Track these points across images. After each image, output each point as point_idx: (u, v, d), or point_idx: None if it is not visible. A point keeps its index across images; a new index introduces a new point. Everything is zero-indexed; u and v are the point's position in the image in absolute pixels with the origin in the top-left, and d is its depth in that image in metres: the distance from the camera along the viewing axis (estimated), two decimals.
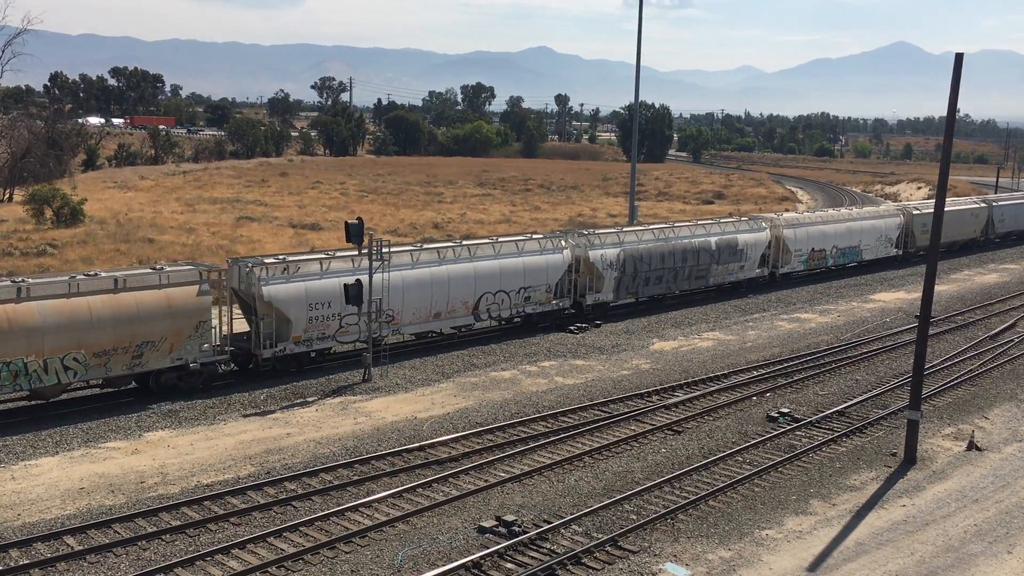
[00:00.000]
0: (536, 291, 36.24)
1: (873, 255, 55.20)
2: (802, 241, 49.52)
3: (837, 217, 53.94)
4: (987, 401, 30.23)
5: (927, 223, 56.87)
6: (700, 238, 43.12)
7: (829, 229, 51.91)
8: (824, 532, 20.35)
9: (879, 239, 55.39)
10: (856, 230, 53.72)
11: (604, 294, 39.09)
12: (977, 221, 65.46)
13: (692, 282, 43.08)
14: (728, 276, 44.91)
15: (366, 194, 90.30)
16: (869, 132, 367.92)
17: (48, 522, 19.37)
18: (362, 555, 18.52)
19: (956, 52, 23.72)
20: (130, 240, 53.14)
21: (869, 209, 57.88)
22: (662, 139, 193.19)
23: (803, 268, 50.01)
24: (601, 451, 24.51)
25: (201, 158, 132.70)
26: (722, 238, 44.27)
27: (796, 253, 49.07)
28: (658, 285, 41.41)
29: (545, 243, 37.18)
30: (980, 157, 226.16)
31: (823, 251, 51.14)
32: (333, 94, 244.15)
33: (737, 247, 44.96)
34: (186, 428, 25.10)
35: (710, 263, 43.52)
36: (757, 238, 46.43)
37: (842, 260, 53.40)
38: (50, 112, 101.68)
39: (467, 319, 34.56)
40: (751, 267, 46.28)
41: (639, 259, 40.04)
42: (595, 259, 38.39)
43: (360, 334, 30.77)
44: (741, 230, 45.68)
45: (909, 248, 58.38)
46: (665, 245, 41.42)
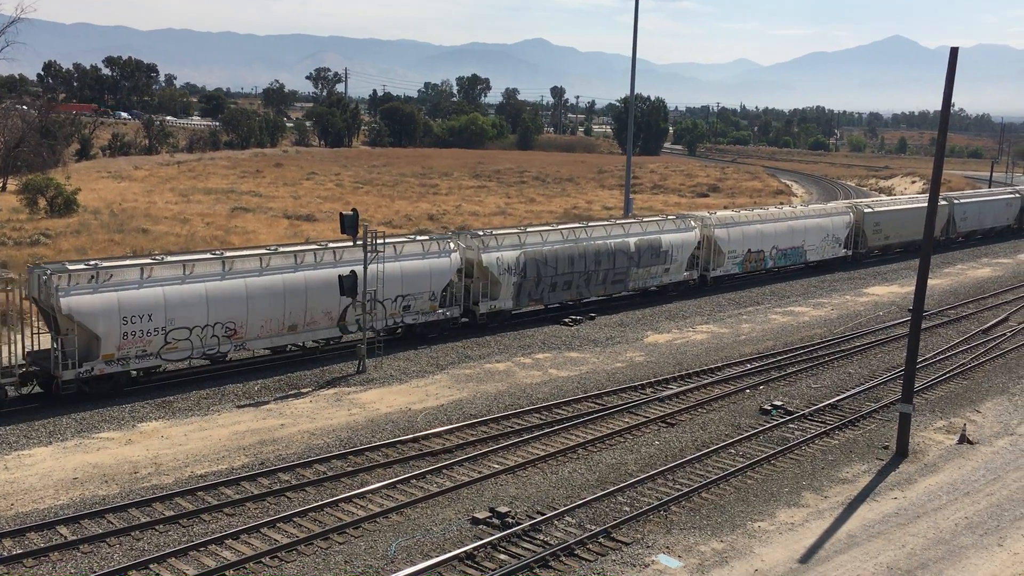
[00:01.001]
0: (417, 299, 32.66)
1: (819, 256, 51.34)
2: (736, 242, 45.79)
3: (778, 216, 49.42)
4: (979, 395, 30.36)
5: (880, 222, 55.17)
6: (617, 239, 39.57)
7: (768, 228, 47.80)
8: (816, 524, 20.44)
9: (825, 239, 51.47)
10: (799, 229, 49.67)
11: (502, 301, 35.52)
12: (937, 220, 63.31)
13: (608, 287, 39.56)
14: (651, 280, 41.54)
15: (361, 185, 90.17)
16: (864, 126, 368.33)
17: (41, 512, 19.37)
18: (356, 546, 18.57)
19: (951, 46, 23.76)
20: (124, 230, 52.98)
21: (815, 207, 54.16)
22: (658, 132, 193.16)
23: (739, 271, 46.41)
24: (595, 443, 24.58)
25: (196, 148, 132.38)
26: (643, 239, 40.67)
27: (730, 255, 45.49)
28: (567, 291, 37.90)
29: (430, 245, 33.56)
30: (975, 151, 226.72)
31: (761, 252, 47.20)
32: (328, 85, 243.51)
33: (660, 248, 41.37)
34: (180, 419, 25.10)
35: (628, 266, 39.95)
36: (684, 238, 42.74)
37: (783, 262, 49.34)
38: (44, 101, 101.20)
39: (331, 331, 30.74)
40: (677, 270, 42.65)
41: (543, 262, 36.46)
42: (490, 263, 34.79)
43: (193, 350, 27.38)
44: (666, 230, 42.13)
45: (860, 248, 54.85)
46: (575, 247, 37.84)
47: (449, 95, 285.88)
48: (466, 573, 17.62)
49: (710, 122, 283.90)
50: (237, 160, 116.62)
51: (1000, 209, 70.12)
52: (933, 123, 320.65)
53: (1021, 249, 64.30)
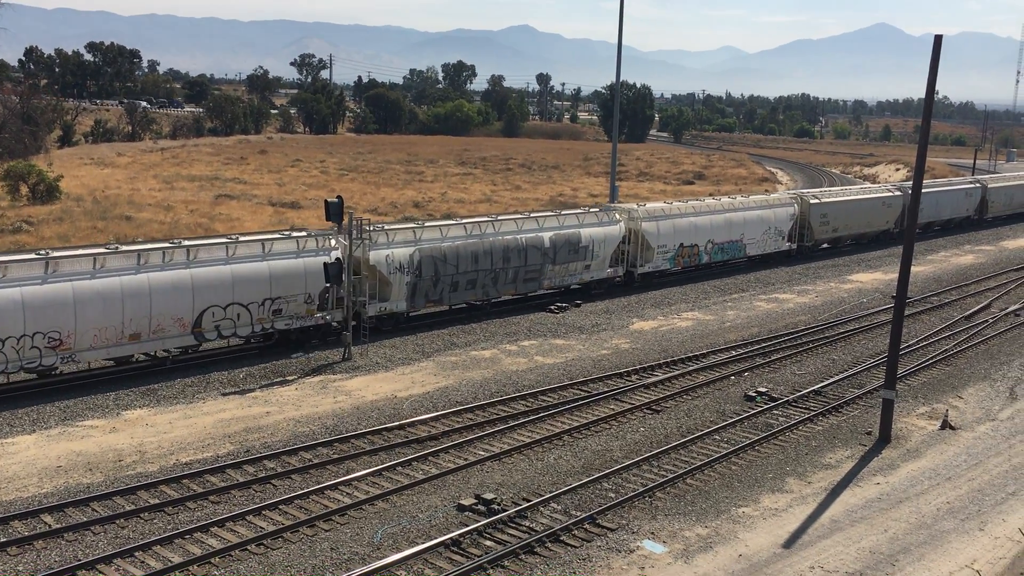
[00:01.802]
0: (291, 302, 29.63)
1: (760, 250, 48.52)
2: (667, 236, 42.78)
3: (714, 207, 46.27)
4: (961, 381, 30.60)
5: (827, 213, 52.53)
6: (529, 233, 36.64)
7: (703, 221, 44.80)
8: (799, 510, 20.60)
9: (767, 232, 48.54)
10: (738, 222, 46.74)
11: (394, 303, 32.70)
12: (890, 211, 58.49)
13: (520, 285, 36.71)
14: (569, 277, 38.71)
15: (346, 172, 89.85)
16: (849, 113, 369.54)
17: (25, 500, 19.30)
18: (342, 533, 18.59)
19: (936, 34, 23.84)
20: (107, 217, 52.68)
21: (757, 198, 50.38)
22: (643, 119, 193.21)
23: (670, 267, 43.60)
24: (580, 430, 24.65)
25: (179, 135, 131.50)
26: (559, 233, 37.72)
27: (660, 249, 42.49)
28: (471, 290, 35.11)
29: (305, 243, 30.42)
30: (958, 139, 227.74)
31: (695, 247, 44.33)
32: (313, 71, 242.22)
33: (580, 243, 38.40)
34: (165, 406, 25.02)
35: (543, 263, 37.04)
36: (607, 232, 39.78)
37: (721, 257, 46.51)
38: (25, 87, 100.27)
39: (184, 339, 27.70)
40: (600, 267, 39.78)
41: (442, 260, 33.58)
42: (378, 261, 31.86)
43: (8, 363, 24.43)
44: (586, 223, 39.16)
45: (805, 242, 51.80)
46: (480, 243, 34.89)
47: (434, 82, 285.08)
48: (452, 559, 17.67)
49: (696, 109, 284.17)
50: (221, 147, 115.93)
51: (959, 200, 66.91)
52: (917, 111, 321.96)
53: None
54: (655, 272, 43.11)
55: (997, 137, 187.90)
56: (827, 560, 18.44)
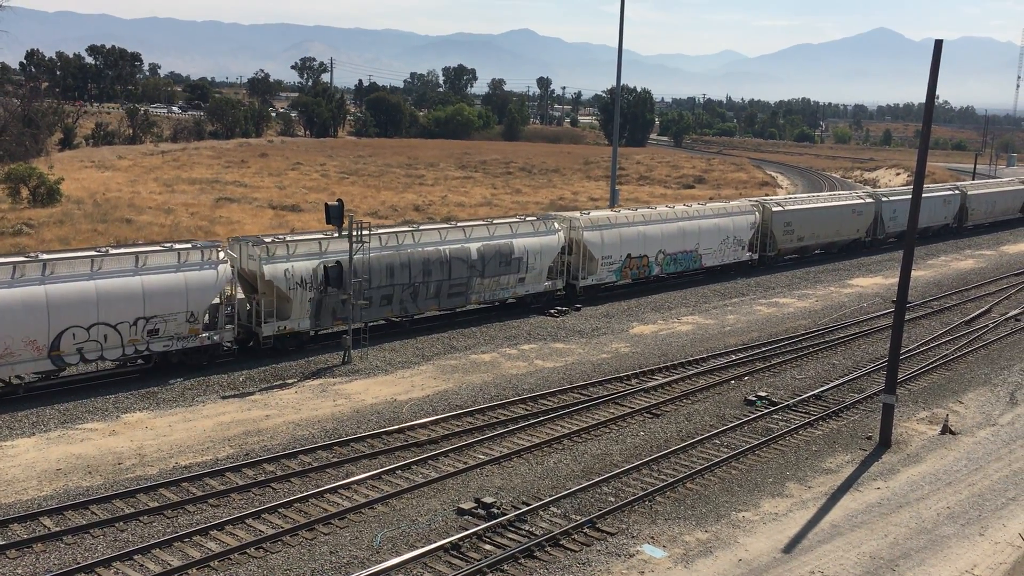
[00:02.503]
0: (170, 321, 26.98)
1: (718, 261, 45.99)
2: (612, 246, 40.22)
3: (666, 216, 43.58)
4: (961, 386, 30.58)
5: (791, 221, 50.15)
6: (453, 245, 34.11)
7: (653, 230, 42.24)
8: (800, 514, 20.57)
9: (725, 241, 46.05)
10: (692, 231, 44.13)
11: (294, 321, 29.98)
12: (861, 219, 55.80)
13: (444, 300, 34.13)
14: (501, 292, 36.08)
15: (347, 176, 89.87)
16: (849, 118, 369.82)
17: (25, 503, 19.27)
18: (341, 536, 18.56)
19: (936, 38, 23.87)
20: (108, 220, 52.69)
21: (714, 206, 47.71)
22: (643, 123, 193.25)
23: (616, 279, 40.95)
24: (580, 434, 24.63)
25: (180, 138, 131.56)
26: (488, 244, 35.18)
27: (604, 261, 39.92)
28: (387, 307, 32.46)
29: (188, 255, 27.64)
30: (959, 144, 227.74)
31: (644, 258, 41.79)
32: (314, 75, 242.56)
33: (512, 255, 35.82)
34: (164, 409, 25.00)
35: (470, 276, 34.49)
36: (544, 243, 37.12)
37: (674, 268, 43.87)
38: (26, 90, 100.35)
39: (39, 363, 25.04)
40: (536, 280, 37.07)
41: (359, 273, 31.08)
42: (274, 275, 29.13)
43: None
44: (520, 234, 36.54)
45: (768, 251, 49.25)
46: (396, 255, 32.40)
47: (435, 85, 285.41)
48: (452, 563, 17.65)
49: (696, 113, 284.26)
50: (222, 150, 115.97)
51: (936, 207, 63.36)
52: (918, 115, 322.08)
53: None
54: (600, 285, 40.47)
55: (997, 142, 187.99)
56: (827, 565, 18.41)
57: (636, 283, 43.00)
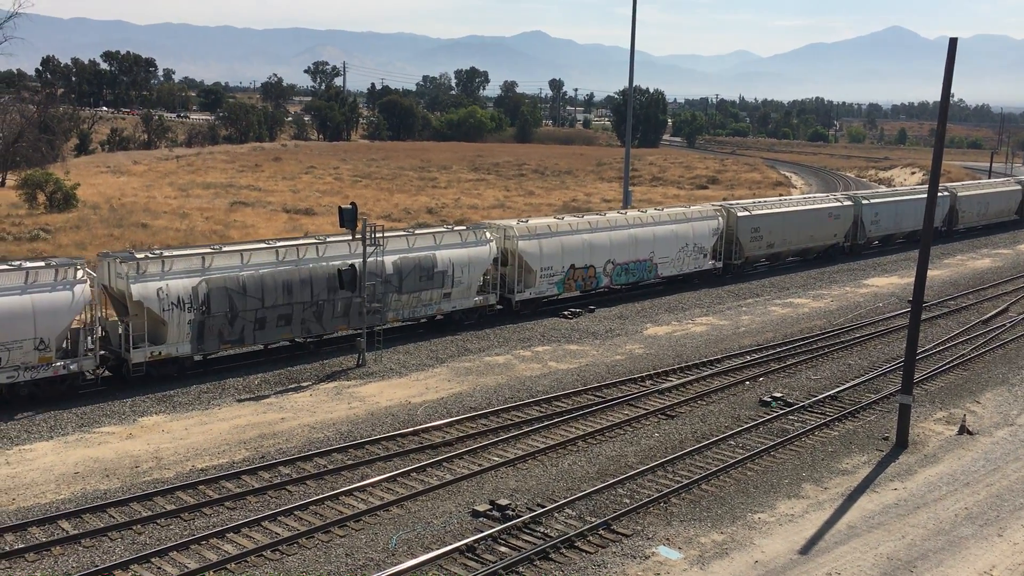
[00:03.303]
0: (13, 350, 24.18)
1: (676, 270, 42.72)
2: (552, 256, 37.03)
3: (615, 223, 40.11)
4: (979, 385, 30.39)
5: (758, 227, 47.01)
6: None
7: (600, 238, 38.92)
8: (816, 515, 20.48)
9: (684, 250, 42.66)
10: (646, 239, 40.74)
11: (172, 345, 27.14)
12: (839, 224, 52.44)
13: (353, 320, 30.82)
14: (423, 308, 33.15)
15: (360, 179, 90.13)
16: (863, 117, 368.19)
17: (43, 506, 19.40)
18: (357, 539, 18.61)
19: (950, 37, 23.75)
20: (123, 225, 53.02)
21: (672, 211, 43.83)
22: (656, 124, 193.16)
23: (558, 292, 37.86)
24: (595, 435, 24.60)
25: (194, 143, 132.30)
26: (406, 257, 32.17)
27: (544, 272, 36.84)
28: (286, 327, 29.35)
29: (38, 276, 24.79)
30: (974, 142, 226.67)
31: (591, 268, 38.59)
32: (327, 79, 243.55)
33: (434, 268, 32.80)
34: (180, 413, 25.13)
35: (384, 292, 31.48)
36: (473, 255, 34.10)
37: (625, 279, 40.47)
38: (42, 96, 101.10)
39: None
40: (464, 294, 34.24)
41: (240, 292, 27.90)
42: (145, 295, 26.37)
43: None
44: (445, 244, 33.45)
45: (733, 259, 46.00)
46: (296, 270, 29.19)
47: (447, 88, 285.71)
48: (467, 566, 17.66)
49: (709, 114, 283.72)
50: (236, 154, 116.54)
51: (922, 211, 62.38)
52: (933, 114, 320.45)
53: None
54: (540, 298, 37.45)
55: (1013, 140, 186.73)
56: (844, 566, 18.32)
57: (586, 295, 40.02)
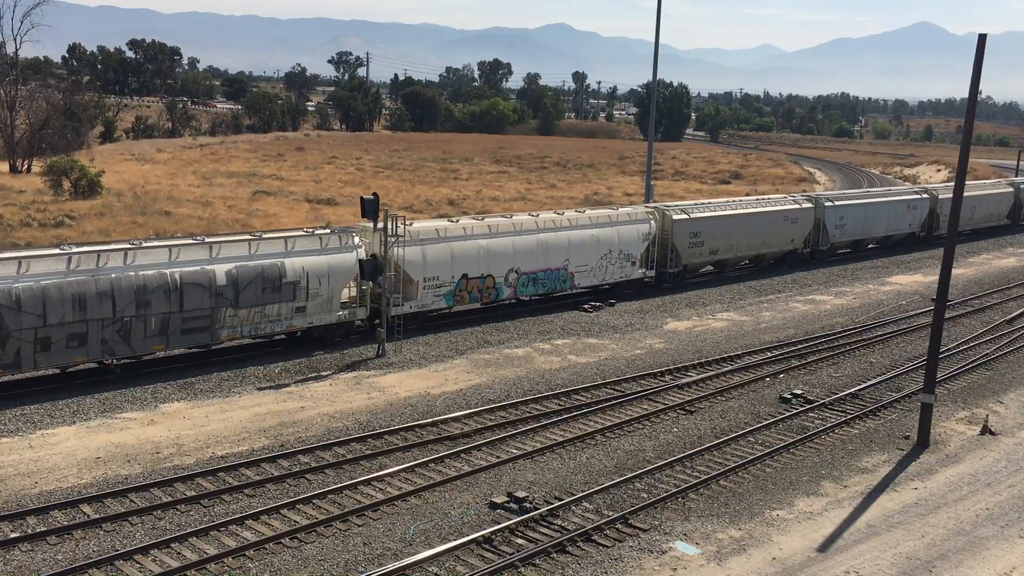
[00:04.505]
0: None
1: (597, 280, 38.06)
2: (440, 264, 32.48)
3: (521, 226, 35.30)
4: (1002, 385, 30.11)
5: (698, 231, 42.05)
6: (190, 266, 26.49)
7: (500, 244, 34.25)
8: (835, 513, 20.38)
9: (607, 257, 38.07)
10: (558, 244, 36.06)
11: None
12: (797, 228, 47.94)
13: (176, 338, 26.65)
14: (269, 324, 28.58)
15: (382, 170, 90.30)
16: (889, 113, 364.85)
17: (65, 490, 19.61)
18: (374, 528, 18.69)
19: (979, 33, 23.46)
20: (147, 213, 53.39)
21: (594, 213, 38.86)
22: (680, 118, 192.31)
23: (449, 304, 33.28)
24: (613, 429, 24.58)
25: (218, 132, 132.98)
26: (245, 265, 27.50)
27: (428, 283, 32.33)
28: (79, 349, 24.91)
29: None
30: (1001, 140, 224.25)
31: (489, 278, 33.98)
32: (350, 69, 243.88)
33: (283, 279, 28.33)
34: (201, 400, 25.31)
35: (216, 307, 27.03)
36: (335, 263, 29.74)
37: (533, 290, 35.82)
38: (68, 83, 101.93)
39: None
40: (324, 308, 29.69)
41: (13, 308, 23.50)
42: None
43: None
44: (299, 251, 28.97)
45: (669, 268, 41.23)
46: (92, 281, 24.79)
47: (470, 80, 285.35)
48: (484, 557, 17.70)
49: (733, 108, 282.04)
50: (259, 144, 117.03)
51: (898, 213, 54.92)
52: (960, 111, 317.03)
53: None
54: (426, 312, 33.02)
55: None
56: (863, 565, 18.22)
57: (487, 307, 35.62)
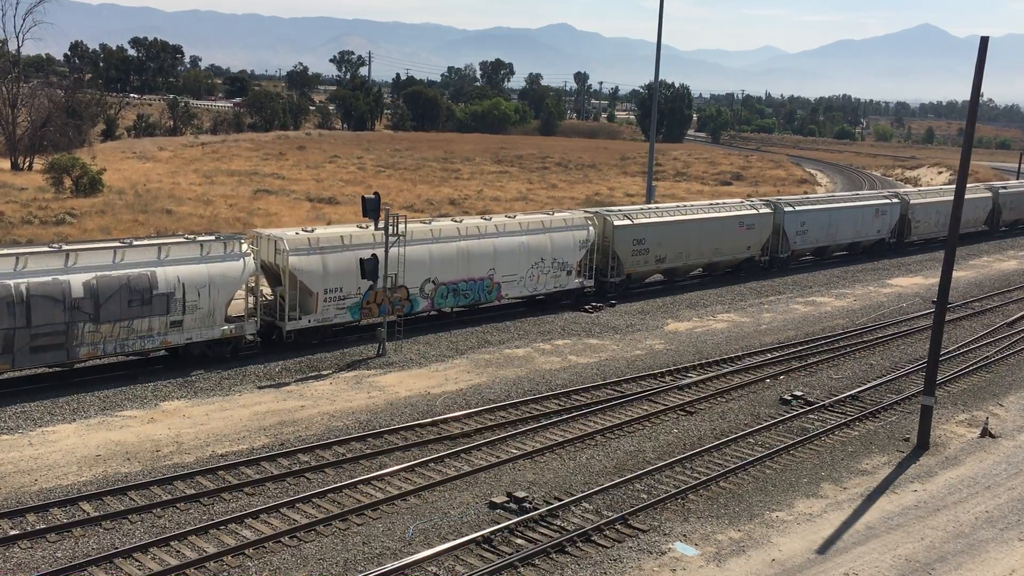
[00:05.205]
0: None
1: (528, 290, 35.61)
2: (343, 275, 29.82)
3: (440, 232, 32.90)
4: (1002, 388, 30.10)
5: (642, 238, 39.37)
6: (39, 276, 24.14)
7: (416, 252, 31.75)
8: (834, 515, 20.38)
9: (539, 266, 35.57)
10: (482, 252, 33.58)
11: None
12: (753, 234, 45.06)
13: (24, 357, 24.21)
14: (139, 340, 26.13)
15: (383, 169, 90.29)
16: (891, 115, 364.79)
17: (64, 488, 19.61)
18: (374, 528, 18.69)
19: (981, 35, 23.46)
20: (148, 211, 53.38)
21: (526, 218, 36.28)
22: (681, 119, 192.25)
23: (355, 318, 30.64)
24: (613, 430, 24.58)
25: (219, 130, 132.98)
26: (107, 276, 25.22)
27: (329, 295, 29.78)
28: None
29: None
30: (1003, 143, 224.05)
31: (402, 289, 31.38)
32: (352, 68, 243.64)
33: (154, 290, 26.00)
34: (201, 398, 25.31)
35: (72, 321, 24.65)
36: (217, 273, 27.31)
37: (454, 301, 33.44)
38: (70, 81, 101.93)
39: None
40: (206, 323, 27.35)
41: None
42: None
43: None
44: (174, 259, 26.65)
45: (610, 277, 38.64)
46: None
47: (472, 79, 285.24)
48: (483, 557, 17.71)
49: (735, 109, 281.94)
50: (260, 142, 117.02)
51: (865, 219, 52.14)
52: (961, 113, 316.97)
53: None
54: (327, 327, 30.39)
55: None
56: (862, 567, 18.22)
57: (411, 317, 32.99)
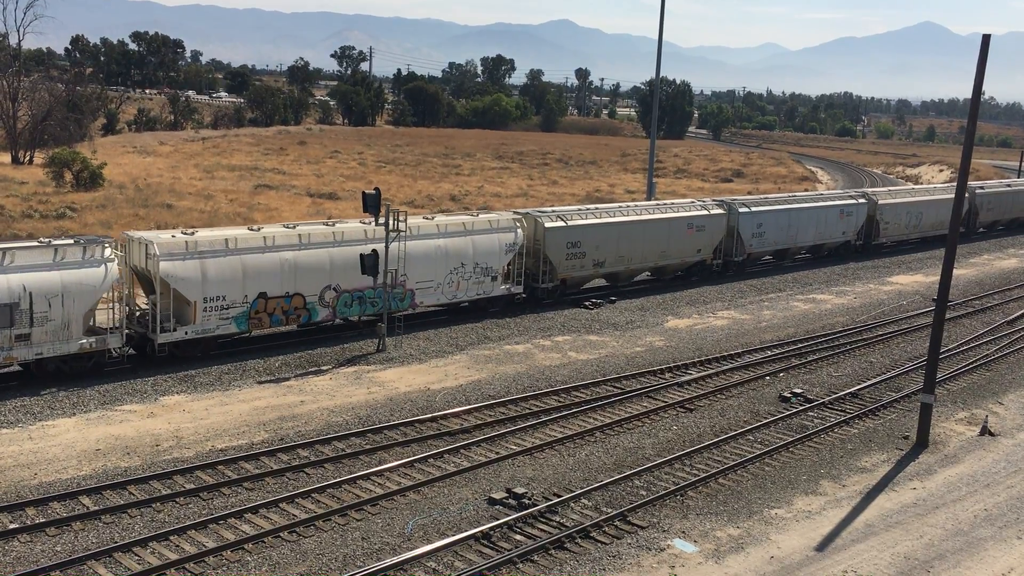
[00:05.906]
0: None
1: (446, 298, 33.18)
2: (226, 282, 27.32)
3: (342, 236, 30.16)
4: (1002, 387, 30.10)
5: (578, 240, 36.90)
6: None
7: (313, 257, 29.17)
8: (833, 513, 20.39)
9: (459, 271, 33.15)
10: (392, 257, 30.31)
11: None
12: (704, 236, 42.59)
13: None
14: None
15: (384, 164, 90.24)
16: (892, 113, 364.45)
17: (64, 482, 19.63)
18: (373, 523, 18.70)
19: (983, 33, 23.43)
20: (149, 205, 53.37)
21: (444, 220, 33.92)
22: (682, 116, 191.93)
23: (241, 329, 28.06)
24: (613, 427, 24.59)
25: (220, 125, 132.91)
26: None
27: (210, 304, 27.09)
28: None
29: None
30: (1004, 141, 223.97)
31: (297, 297, 28.93)
32: (353, 63, 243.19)
33: None
34: (201, 393, 25.32)
35: None
36: (72, 280, 24.67)
37: (359, 309, 30.74)
38: (71, 75, 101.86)
39: None
40: (60, 336, 24.68)
41: None
42: None
43: None
44: (16, 266, 23.96)
45: (542, 282, 36.38)
46: None
47: (473, 75, 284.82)
48: (482, 552, 17.72)
49: (736, 106, 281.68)
50: (261, 137, 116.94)
51: (829, 221, 49.71)
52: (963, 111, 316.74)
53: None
54: (208, 338, 27.70)
55: None
56: (861, 564, 18.24)
57: (304, 329, 30.80)
